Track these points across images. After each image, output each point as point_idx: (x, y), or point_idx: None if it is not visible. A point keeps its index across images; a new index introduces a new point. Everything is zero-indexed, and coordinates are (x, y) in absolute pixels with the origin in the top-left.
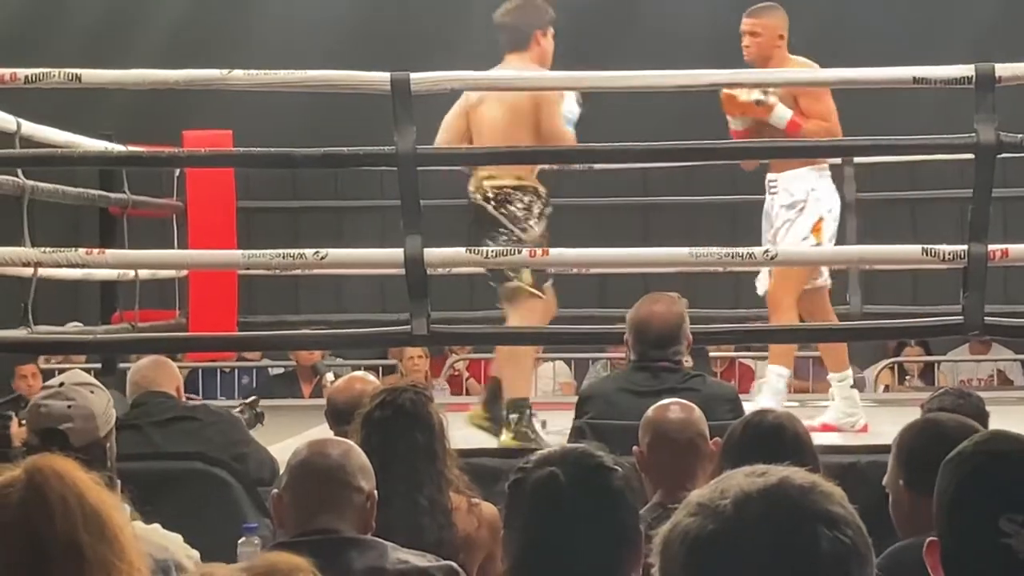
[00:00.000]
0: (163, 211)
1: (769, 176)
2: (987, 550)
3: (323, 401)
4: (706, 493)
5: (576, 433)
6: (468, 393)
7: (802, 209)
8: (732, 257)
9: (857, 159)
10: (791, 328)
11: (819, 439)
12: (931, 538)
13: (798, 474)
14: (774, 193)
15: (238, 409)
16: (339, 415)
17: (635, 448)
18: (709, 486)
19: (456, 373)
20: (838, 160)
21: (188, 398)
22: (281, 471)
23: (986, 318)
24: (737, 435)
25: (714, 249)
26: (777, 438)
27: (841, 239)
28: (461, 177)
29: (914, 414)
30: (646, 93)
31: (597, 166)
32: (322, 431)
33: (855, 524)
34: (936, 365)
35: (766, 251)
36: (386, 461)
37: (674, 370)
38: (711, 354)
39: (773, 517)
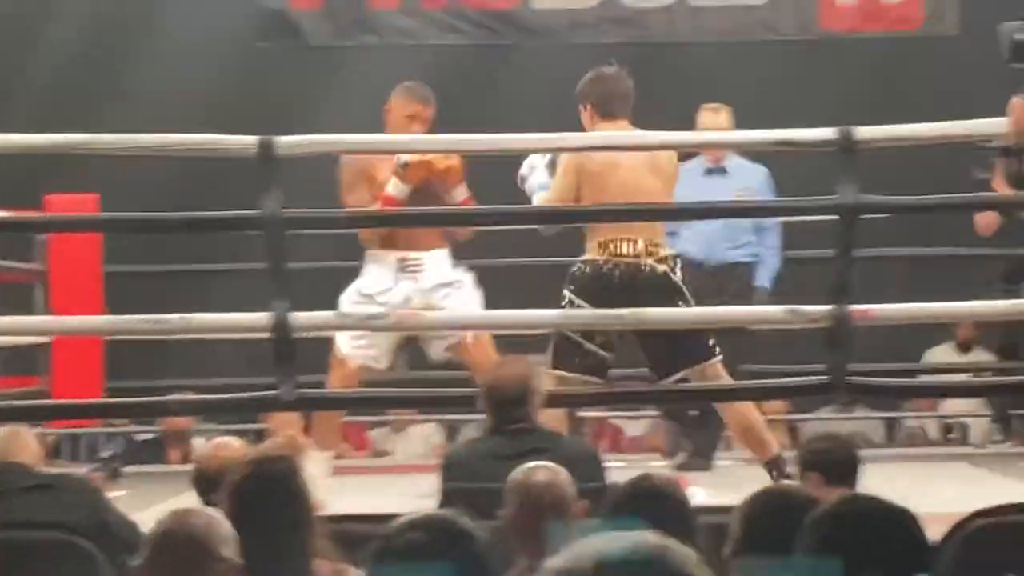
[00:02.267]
0: (26, 276)
1: (410, 255)
2: None
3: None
4: (562, 559)
5: (443, 498)
6: (339, 457)
7: (460, 286)
8: (601, 319)
9: None
10: (666, 390)
11: (695, 499)
12: None
13: (653, 537)
14: (415, 271)
15: (96, 466)
16: (205, 483)
17: (501, 512)
18: (564, 552)
19: None
20: None
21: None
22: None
23: (849, 378)
24: (614, 499)
25: (584, 312)
26: (653, 502)
27: None
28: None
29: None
30: None
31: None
32: (190, 499)
33: None
34: (799, 424)
35: (633, 312)
36: (253, 534)
37: (533, 431)
38: (579, 414)
39: None
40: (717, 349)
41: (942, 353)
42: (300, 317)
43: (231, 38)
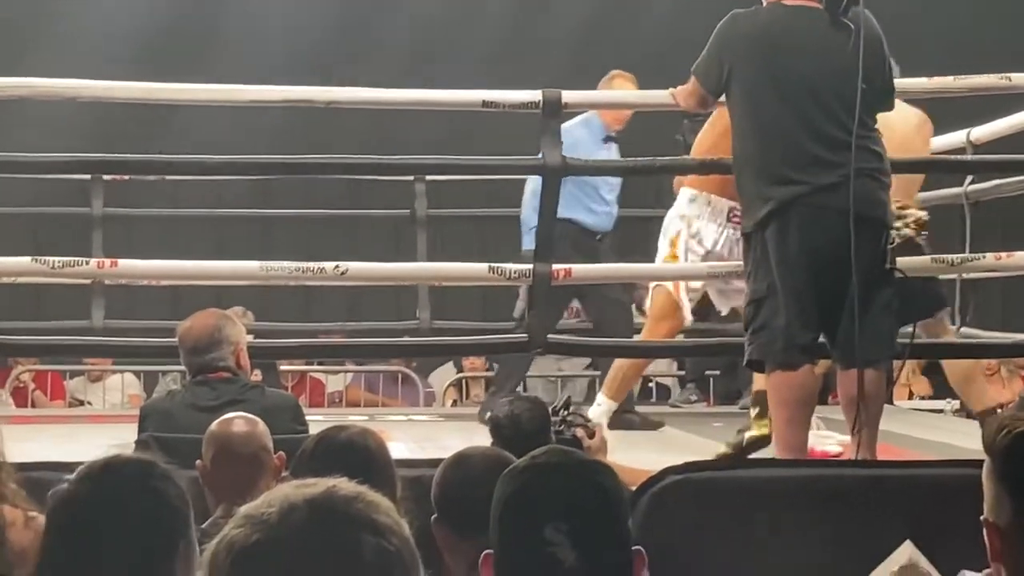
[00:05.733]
0: None
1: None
2: (534, 558)
3: None
4: (254, 506)
5: (141, 446)
6: (34, 405)
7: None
8: (303, 272)
9: (430, 176)
10: (358, 343)
11: (395, 453)
12: (487, 551)
13: (345, 485)
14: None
15: None
16: None
17: (198, 462)
18: (258, 500)
19: (21, 385)
20: None
21: None
22: None
23: (549, 336)
24: (309, 451)
25: (284, 263)
26: (347, 454)
27: (411, 255)
28: None
29: (479, 427)
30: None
31: (169, 177)
32: None
33: (401, 533)
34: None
35: (336, 266)
36: None
37: (232, 381)
38: (283, 368)
39: (317, 525)
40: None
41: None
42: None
43: None
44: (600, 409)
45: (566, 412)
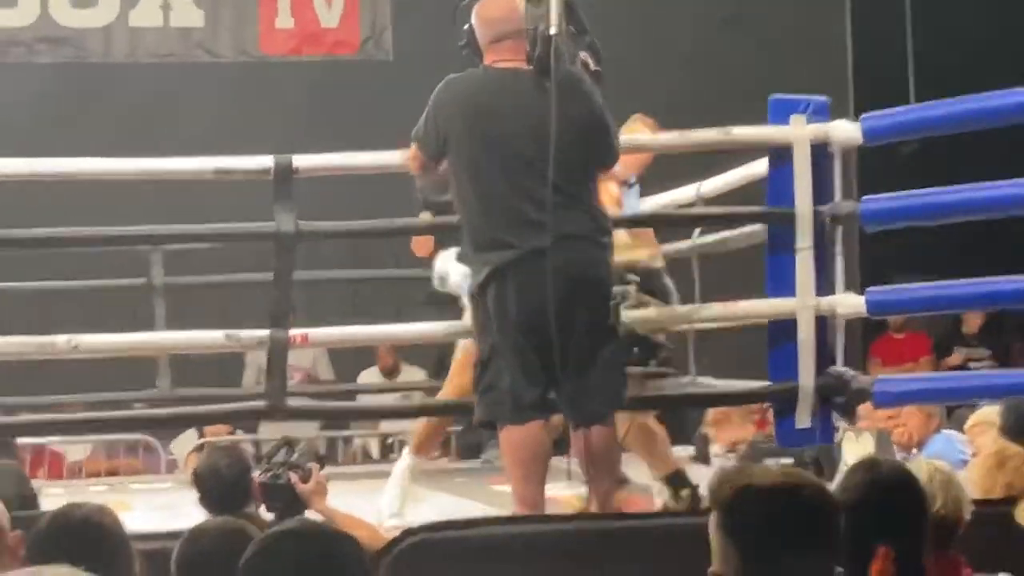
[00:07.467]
0: None
1: None
2: None
3: None
4: None
5: None
6: None
7: None
8: (35, 347)
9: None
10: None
11: (133, 524)
12: None
13: (65, 572)
14: None
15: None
16: None
17: None
18: None
19: None
20: None
21: None
22: None
23: (289, 400)
24: (43, 531)
25: (14, 339)
26: (82, 532)
27: (149, 325)
28: None
29: None
30: None
31: None
32: None
33: None
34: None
35: (69, 340)
36: None
37: None
38: (24, 441)
39: None
40: None
41: (370, 375)
42: None
43: None
44: (403, 464)
45: (287, 455)
